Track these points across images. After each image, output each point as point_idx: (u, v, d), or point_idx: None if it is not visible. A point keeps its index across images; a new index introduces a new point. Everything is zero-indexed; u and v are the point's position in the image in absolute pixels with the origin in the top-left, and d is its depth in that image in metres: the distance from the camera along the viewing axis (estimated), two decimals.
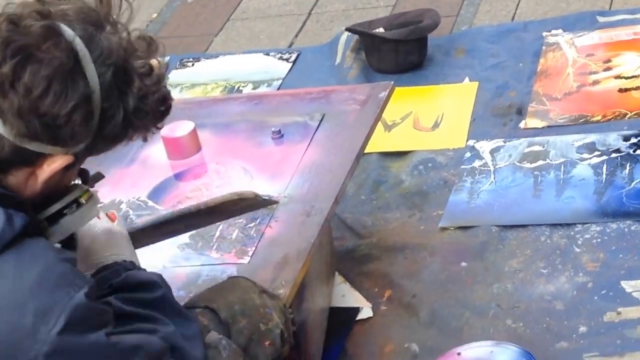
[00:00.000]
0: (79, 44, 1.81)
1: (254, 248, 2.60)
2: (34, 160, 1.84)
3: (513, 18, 4.27)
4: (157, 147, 3.05)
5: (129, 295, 2.00)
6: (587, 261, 2.98)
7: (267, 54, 4.37)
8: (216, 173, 2.93)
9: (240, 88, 4.14)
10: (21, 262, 1.80)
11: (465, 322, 2.85)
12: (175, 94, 4.10)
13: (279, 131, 2.99)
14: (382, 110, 3.07)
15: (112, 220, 2.20)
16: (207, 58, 4.44)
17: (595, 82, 3.73)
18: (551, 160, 3.38)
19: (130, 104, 1.86)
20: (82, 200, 1.97)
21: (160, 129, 1.98)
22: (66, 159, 1.85)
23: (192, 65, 4.40)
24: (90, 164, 2.03)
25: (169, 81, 4.19)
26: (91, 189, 2.02)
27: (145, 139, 1.97)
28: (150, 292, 2.03)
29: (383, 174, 3.50)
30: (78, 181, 2.03)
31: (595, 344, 2.71)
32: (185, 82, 4.28)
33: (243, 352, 2.19)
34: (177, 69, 4.37)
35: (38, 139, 1.81)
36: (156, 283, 2.05)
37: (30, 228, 1.84)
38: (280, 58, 4.32)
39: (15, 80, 1.77)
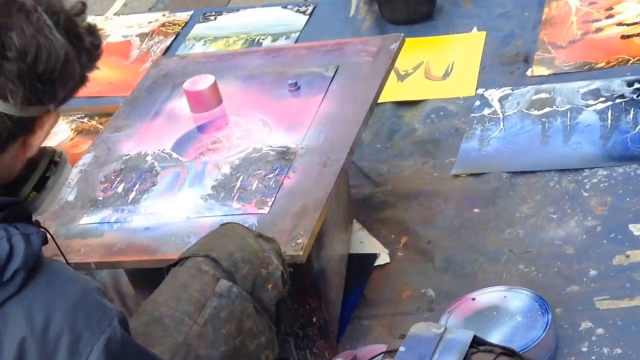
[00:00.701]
0: (30, 2, 1.66)
1: (273, 198, 2.47)
2: (30, 127, 1.68)
3: None
4: (180, 100, 2.93)
5: None
6: (595, 205, 2.82)
7: (285, 7, 4.24)
8: (236, 125, 2.79)
9: (260, 40, 4.01)
10: (54, 289, 1.59)
11: (479, 267, 2.70)
12: (199, 47, 4.00)
13: (296, 83, 2.85)
14: (393, 61, 2.91)
15: None
16: (229, 12, 4.31)
17: (598, 30, 3.56)
18: (558, 107, 3.21)
19: (86, 42, 1.71)
20: (57, 158, 1.83)
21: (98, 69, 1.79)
22: (54, 116, 1.71)
23: (215, 18, 4.26)
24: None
25: (194, 34, 4.09)
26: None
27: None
28: None
29: (397, 122, 3.35)
30: None
31: (605, 287, 2.56)
32: (208, 35, 4.15)
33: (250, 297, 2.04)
34: (200, 22, 4.26)
35: (40, 102, 1.66)
36: None
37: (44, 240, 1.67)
38: (298, 11, 4.19)
39: (5, 50, 1.60)
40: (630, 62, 3.33)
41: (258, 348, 2.01)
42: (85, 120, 3.72)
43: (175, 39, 4.14)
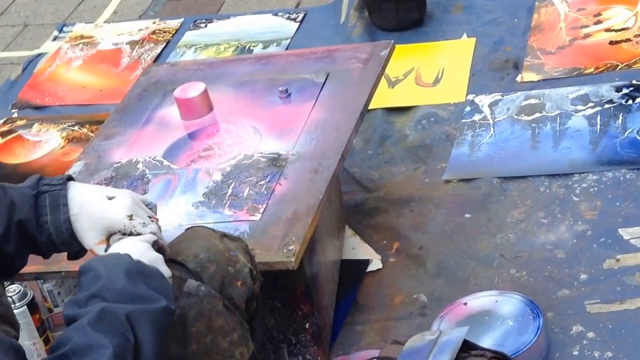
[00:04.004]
0: None
1: (264, 205, 2.47)
2: None
3: None
4: (170, 108, 2.93)
5: None
6: (585, 210, 2.83)
7: (276, 14, 4.23)
8: (227, 132, 2.79)
9: (251, 48, 4.00)
10: None
11: (470, 272, 2.71)
12: (189, 54, 4.01)
13: (286, 90, 2.86)
14: (384, 68, 2.93)
15: None
16: (219, 19, 4.29)
17: (587, 36, 3.57)
18: (547, 113, 3.22)
19: None
20: None
21: None
22: None
23: (205, 26, 4.25)
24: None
25: (184, 42, 4.09)
26: None
27: None
28: None
29: (388, 129, 3.35)
30: None
31: (595, 291, 2.57)
32: (199, 42, 4.14)
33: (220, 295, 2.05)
34: (191, 30, 4.24)
35: None
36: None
37: None
38: (288, 18, 4.18)
39: None
40: (619, 67, 3.34)
41: (231, 345, 2.02)
42: (76, 128, 3.72)
43: (165, 46, 4.13)
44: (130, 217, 1.96)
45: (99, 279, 1.78)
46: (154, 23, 4.33)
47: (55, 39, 4.39)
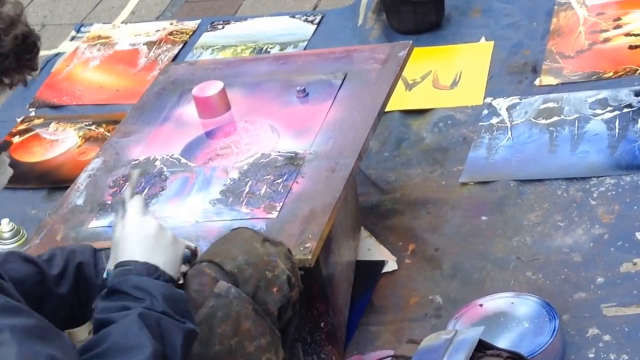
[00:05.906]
0: None
1: (281, 203, 2.49)
2: None
3: None
4: (188, 106, 2.95)
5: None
6: (602, 213, 2.84)
7: (293, 17, 4.26)
8: (245, 131, 2.81)
9: (268, 49, 4.03)
10: None
11: (486, 274, 2.72)
12: (206, 55, 4.03)
13: (304, 90, 2.87)
14: (402, 69, 2.94)
15: None
16: (237, 21, 4.33)
17: (606, 40, 3.58)
18: (565, 116, 3.23)
19: None
20: None
21: (35, 70, 1.89)
22: None
23: (223, 27, 4.28)
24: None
25: (201, 43, 4.12)
26: None
27: (25, 84, 1.90)
28: None
29: (405, 131, 3.36)
30: None
31: (612, 294, 2.58)
32: (216, 44, 4.17)
33: (252, 299, 2.05)
34: (208, 31, 4.28)
35: None
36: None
37: None
38: (306, 20, 4.21)
39: None
40: (638, 72, 3.36)
41: (258, 350, 2.02)
42: (93, 127, 3.75)
43: (183, 47, 4.16)
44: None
45: (143, 299, 1.82)
46: (171, 24, 4.36)
47: (72, 39, 4.43)
